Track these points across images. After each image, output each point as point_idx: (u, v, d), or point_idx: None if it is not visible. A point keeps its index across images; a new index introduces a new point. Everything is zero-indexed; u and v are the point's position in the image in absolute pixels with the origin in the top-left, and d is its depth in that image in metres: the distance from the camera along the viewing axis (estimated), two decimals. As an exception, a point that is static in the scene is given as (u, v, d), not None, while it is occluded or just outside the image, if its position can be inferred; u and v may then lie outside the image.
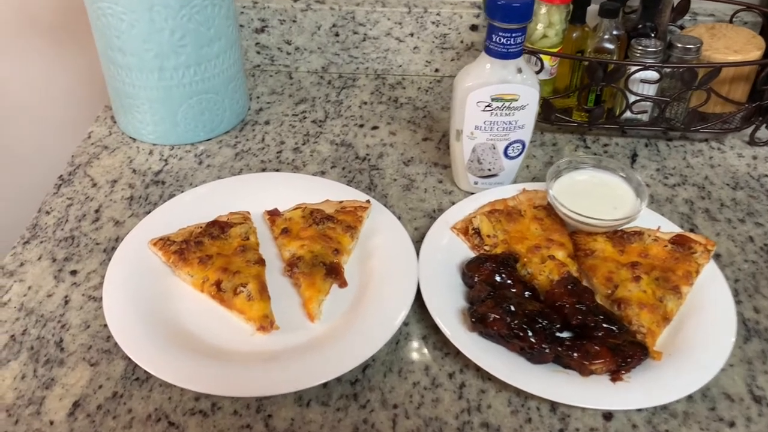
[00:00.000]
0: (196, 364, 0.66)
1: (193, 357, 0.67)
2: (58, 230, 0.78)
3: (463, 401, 0.66)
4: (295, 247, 0.77)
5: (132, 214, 0.85)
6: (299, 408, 0.65)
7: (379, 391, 0.66)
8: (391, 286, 0.73)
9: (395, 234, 0.79)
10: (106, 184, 0.90)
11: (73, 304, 0.74)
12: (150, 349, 0.66)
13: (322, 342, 0.69)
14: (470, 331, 0.69)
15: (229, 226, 0.79)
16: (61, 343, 0.70)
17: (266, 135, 1.01)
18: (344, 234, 0.79)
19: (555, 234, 0.79)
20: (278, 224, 0.81)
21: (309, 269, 0.74)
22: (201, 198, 0.84)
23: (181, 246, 0.76)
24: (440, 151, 0.98)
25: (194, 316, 0.72)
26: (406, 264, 0.75)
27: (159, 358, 0.65)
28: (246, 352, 0.69)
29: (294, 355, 0.68)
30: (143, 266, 0.75)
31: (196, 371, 0.65)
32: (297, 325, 0.71)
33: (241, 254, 0.76)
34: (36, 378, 0.66)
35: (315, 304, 0.72)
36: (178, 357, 0.66)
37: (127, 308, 0.70)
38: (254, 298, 0.71)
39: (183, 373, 0.64)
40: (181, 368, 0.65)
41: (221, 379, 0.64)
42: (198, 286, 0.74)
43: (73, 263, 0.74)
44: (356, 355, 0.66)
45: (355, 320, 0.71)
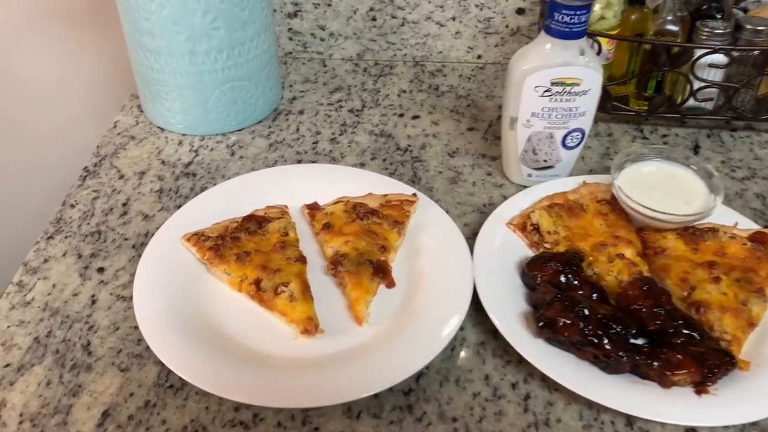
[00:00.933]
0: (234, 370, 0.60)
1: (232, 363, 0.61)
2: (84, 224, 0.73)
3: (530, 415, 0.59)
4: (338, 243, 0.71)
5: (162, 208, 0.80)
6: (348, 420, 0.59)
7: (435, 403, 0.60)
8: (444, 287, 0.67)
9: (445, 230, 0.73)
10: (134, 175, 0.85)
11: (100, 304, 0.68)
12: (184, 354, 0.60)
13: (371, 348, 0.63)
14: (535, 337, 0.63)
15: (267, 221, 0.74)
16: (88, 347, 0.64)
17: (301, 125, 0.95)
18: (391, 230, 0.73)
19: (621, 230, 0.72)
20: (319, 219, 0.75)
21: (355, 268, 0.68)
22: (235, 191, 0.79)
23: (217, 242, 0.70)
24: (487, 142, 0.91)
25: (231, 318, 0.66)
26: (460, 263, 0.69)
27: (194, 363, 0.60)
28: (288, 357, 0.63)
29: (341, 362, 0.62)
30: (175, 263, 0.70)
31: (235, 378, 0.59)
32: (343, 329, 0.65)
33: (280, 251, 0.70)
34: (62, 384, 0.61)
35: (362, 305, 0.66)
36: (215, 362, 0.60)
37: (159, 309, 0.64)
38: (297, 299, 0.65)
39: (221, 380, 0.59)
40: (218, 375, 0.59)
41: (263, 387, 0.59)
42: (235, 285, 0.68)
43: (100, 260, 0.69)
44: (410, 363, 0.60)
45: (407, 324, 0.65)
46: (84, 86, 1.12)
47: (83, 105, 1.12)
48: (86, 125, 1.14)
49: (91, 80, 1.10)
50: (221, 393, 0.58)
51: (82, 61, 1.10)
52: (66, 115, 1.14)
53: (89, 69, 1.09)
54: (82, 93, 1.11)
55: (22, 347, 0.64)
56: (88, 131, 1.10)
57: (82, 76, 1.12)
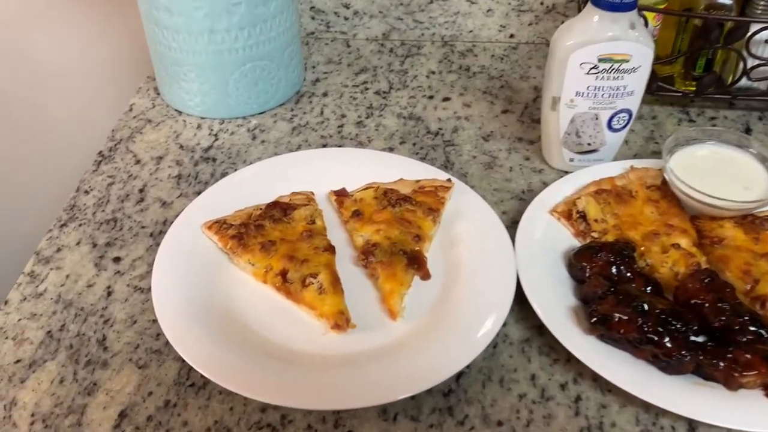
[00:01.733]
0: (260, 368, 0.55)
1: (257, 360, 0.56)
2: (99, 212, 0.69)
3: (581, 418, 0.54)
4: (369, 232, 0.67)
5: (181, 194, 0.75)
6: (384, 423, 0.54)
7: (478, 405, 0.55)
8: (484, 280, 0.62)
9: (484, 218, 0.68)
10: (151, 161, 0.80)
11: (116, 296, 0.64)
12: (207, 350, 0.56)
13: (407, 344, 0.58)
14: (587, 334, 0.57)
15: (292, 208, 0.69)
16: (104, 342, 0.60)
17: (325, 108, 0.90)
18: (425, 218, 0.68)
19: (674, 218, 0.67)
20: (347, 206, 0.70)
21: (388, 258, 0.63)
22: (258, 177, 0.74)
23: (240, 230, 0.66)
24: (524, 125, 0.86)
25: (256, 311, 0.62)
26: (501, 253, 0.64)
27: (217, 360, 0.55)
28: (318, 354, 0.58)
29: (375, 360, 0.57)
30: (196, 253, 0.65)
31: (261, 377, 0.55)
32: (376, 324, 0.61)
33: (307, 240, 0.66)
34: (76, 382, 0.57)
35: (397, 298, 0.61)
36: (239, 359, 0.56)
37: (178, 301, 0.60)
38: (326, 291, 0.60)
39: (246, 379, 0.54)
40: (243, 373, 0.55)
41: (291, 387, 0.54)
42: (260, 276, 0.63)
43: (116, 249, 0.64)
44: (450, 362, 0.55)
45: (445, 319, 0.60)
46: (98, 68, 1.09)
47: (97, 87, 1.08)
48: (101, 108, 1.10)
49: (105, 61, 1.07)
50: (247, 393, 0.53)
51: (96, 42, 1.06)
52: (80, 98, 1.10)
53: (104, 50, 1.04)
54: (96, 75, 1.08)
55: (34, 342, 0.60)
56: (102, 115, 1.06)
57: (97, 58, 1.08)
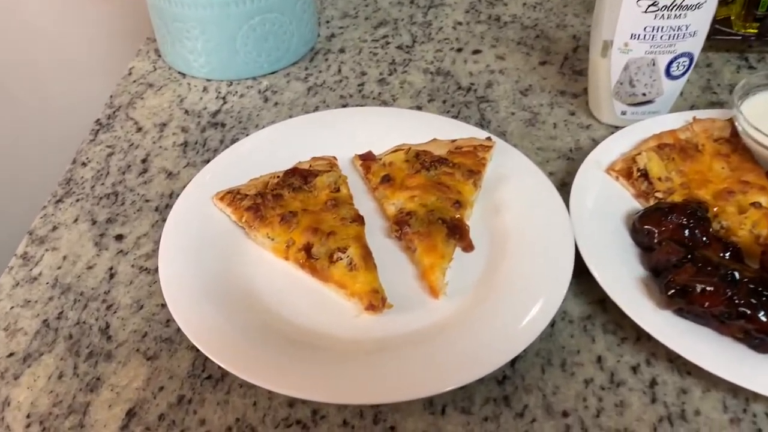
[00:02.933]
0: (286, 357, 0.48)
1: (282, 347, 0.49)
2: (98, 185, 0.61)
3: (659, 406, 0.47)
4: (402, 199, 0.59)
5: (188, 164, 0.68)
6: (432, 417, 0.47)
7: (538, 393, 0.48)
8: (538, 250, 0.54)
9: (532, 180, 0.60)
10: (154, 128, 0.72)
11: (120, 278, 0.57)
12: (224, 337, 0.49)
13: (453, 326, 0.51)
14: (661, 308, 0.50)
15: (313, 175, 0.61)
16: (107, 330, 0.53)
17: (342, 65, 0.81)
18: (465, 181, 0.60)
19: (749, 174, 0.59)
20: (375, 171, 0.62)
21: (425, 228, 0.56)
22: (273, 141, 0.66)
23: (256, 201, 0.58)
24: (565, 77, 0.77)
25: (278, 293, 0.54)
26: (555, 219, 0.56)
27: (237, 349, 0.48)
28: (351, 339, 0.51)
29: (417, 345, 0.49)
30: (208, 228, 0.58)
31: (287, 367, 0.47)
32: (415, 303, 0.53)
33: (332, 210, 0.58)
34: (77, 377, 0.50)
35: (438, 273, 0.53)
36: (261, 347, 0.49)
37: (190, 282, 0.53)
38: (358, 267, 0.53)
39: (270, 369, 0.47)
40: (267, 363, 0.47)
41: (323, 378, 0.47)
42: (281, 252, 0.56)
43: (118, 226, 0.57)
44: (505, 346, 0.48)
45: (495, 296, 0.52)
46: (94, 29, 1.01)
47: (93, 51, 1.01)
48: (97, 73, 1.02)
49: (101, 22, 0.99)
50: (272, 386, 0.46)
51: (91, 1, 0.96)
52: (74, 62, 1.03)
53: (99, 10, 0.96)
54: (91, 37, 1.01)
55: (29, 332, 0.53)
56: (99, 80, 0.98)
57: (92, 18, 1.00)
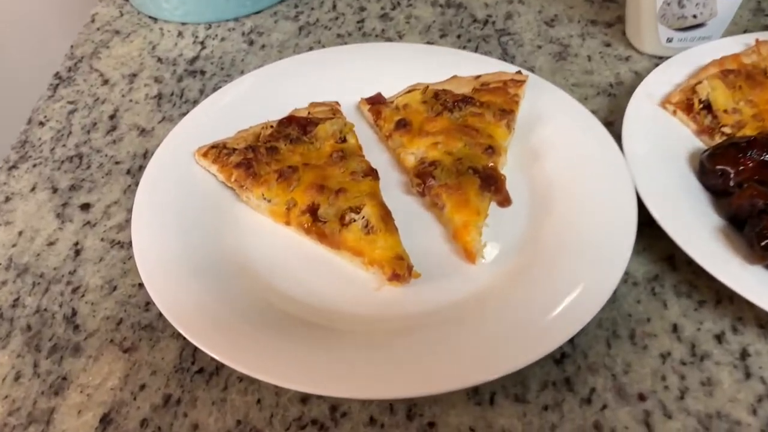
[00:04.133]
0: (294, 343, 0.39)
1: (289, 332, 0.40)
2: (58, 147, 0.51)
3: (755, 382, 0.39)
4: (422, 147, 0.49)
5: (163, 118, 0.57)
6: (478, 408, 0.38)
7: (606, 373, 0.39)
8: (591, 201, 0.45)
9: (575, 119, 0.51)
10: (122, 79, 0.62)
11: (87, 255, 0.47)
12: (217, 322, 0.39)
13: (496, 297, 0.42)
14: (750, 263, 0.41)
15: (314, 124, 0.51)
16: (73, 318, 0.43)
17: (338, 1, 0.71)
18: (496, 123, 0.50)
19: (831, 102, 0.49)
20: (387, 117, 0.52)
21: (454, 180, 0.46)
22: (262, 88, 0.56)
23: (247, 155, 0.48)
24: (594, 5, 0.67)
25: (280, 265, 0.45)
26: (608, 164, 0.47)
27: (233, 335, 0.39)
28: (371, 317, 0.42)
29: (453, 321, 0.40)
30: (190, 191, 0.48)
31: (296, 356, 0.38)
32: (446, 271, 0.44)
33: (339, 163, 0.48)
34: (38, 378, 0.40)
35: (473, 233, 0.44)
36: (263, 333, 0.39)
37: (172, 257, 0.43)
38: (376, 229, 0.43)
39: (275, 359, 0.38)
40: (271, 351, 0.38)
41: (341, 367, 0.38)
42: (280, 215, 0.46)
43: (84, 193, 0.48)
44: (562, 318, 0.39)
45: (544, 258, 0.43)
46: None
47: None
48: (55, 21, 0.92)
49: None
50: (278, 380, 0.37)
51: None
52: (28, 10, 0.91)
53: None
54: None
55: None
56: (57, 28, 0.87)
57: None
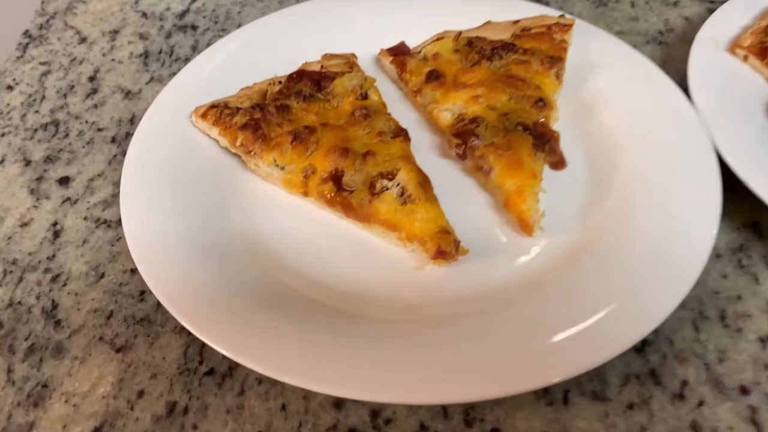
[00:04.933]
0: (323, 336, 0.32)
1: (315, 323, 0.33)
2: (30, 114, 0.45)
3: None
4: (460, 102, 0.42)
5: (151, 79, 0.50)
6: (550, 409, 0.32)
7: (698, 362, 0.33)
8: (664, 161, 0.39)
9: (633, 68, 0.44)
10: (102, 37, 0.55)
11: (68, 237, 0.40)
12: (227, 313, 0.32)
13: (559, 277, 0.35)
14: None
15: (329, 79, 0.44)
16: (54, 312, 0.36)
17: (343, -53, 0.63)
18: (545, 72, 0.43)
19: None
20: (414, 69, 0.45)
21: (502, 138, 0.39)
22: (265, 40, 0.49)
23: (253, 115, 0.41)
24: (634, -55, 0.60)
25: (296, 244, 0.38)
26: (679, 118, 0.40)
27: (247, 328, 0.32)
28: (412, 302, 0.35)
29: (513, 305, 0.34)
30: (187, 158, 0.41)
31: (325, 352, 0.31)
32: (498, 245, 0.38)
33: (363, 123, 0.41)
34: (12, 386, 0.34)
35: (530, 200, 0.37)
36: (283, 324, 0.33)
37: (169, 237, 0.36)
38: (414, 198, 0.36)
39: (301, 356, 0.31)
40: (295, 347, 0.31)
41: (379, 365, 0.31)
42: (296, 185, 0.39)
43: (62, 166, 0.41)
44: (647, 300, 0.32)
45: (616, 229, 0.36)
46: None
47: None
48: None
49: None
50: (305, 382, 0.30)
51: None
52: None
53: None
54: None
55: (-64, 324, 0.36)
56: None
57: None
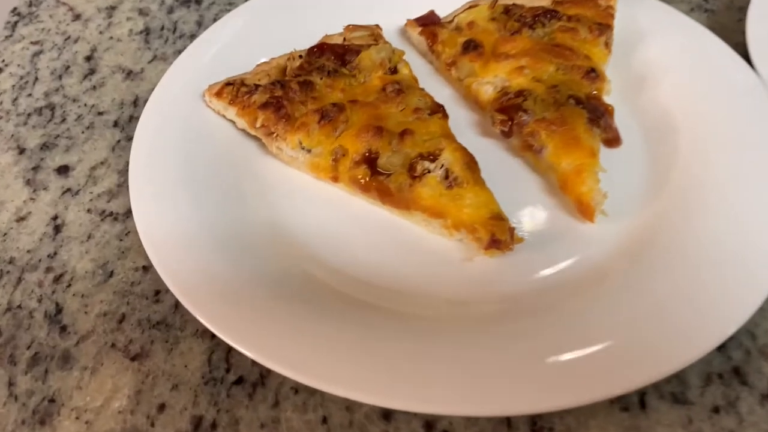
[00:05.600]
0: (365, 338, 0.29)
1: (352, 322, 0.30)
2: (23, 97, 0.41)
3: None
4: (502, 74, 0.38)
5: (155, 57, 0.46)
6: (626, 415, 0.28)
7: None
8: (730, 138, 0.36)
9: (688, 36, 0.41)
10: (98, 13, 0.50)
11: (71, 232, 0.36)
12: (255, 312, 0.29)
13: (627, 268, 0.32)
14: None
15: (354, 53, 0.40)
16: (58, 317, 0.32)
17: None
18: (594, 39, 0.39)
19: None
20: (447, 40, 0.42)
21: (554, 113, 0.36)
22: (278, 13, 0.45)
23: (274, 93, 0.37)
24: None
25: (327, 234, 0.34)
26: (745, 91, 0.37)
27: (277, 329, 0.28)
28: (459, 298, 0.31)
29: (580, 300, 0.30)
30: (201, 141, 0.37)
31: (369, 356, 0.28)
32: (553, 233, 0.34)
33: (396, 99, 0.37)
34: (15, 401, 0.30)
35: (589, 181, 0.34)
36: (319, 324, 0.29)
37: (187, 228, 0.32)
38: (462, 181, 0.33)
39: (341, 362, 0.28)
40: (332, 350, 0.28)
41: (431, 371, 0.28)
42: (324, 169, 0.35)
43: (60, 153, 0.38)
44: (728, 297, 0.28)
45: (683, 214, 0.33)
46: None
47: None
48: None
49: None
50: (348, 390, 0.27)
51: None
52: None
53: None
54: None
55: (-75, 333, 0.32)
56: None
57: None
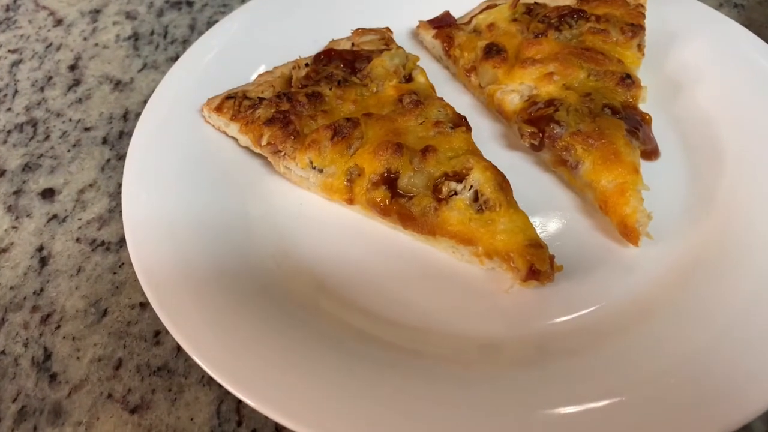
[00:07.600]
0: (389, 392, 0.26)
1: (372, 371, 0.28)
2: (1, 113, 0.42)
3: None
4: (529, 81, 0.35)
5: (145, 65, 0.42)
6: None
7: None
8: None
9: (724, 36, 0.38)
10: (81, 18, 0.47)
11: (58, 264, 0.32)
12: (268, 362, 0.26)
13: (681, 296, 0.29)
14: None
15: (364, 58, 0.36)
16: (47, 363, 0.29)
17: None
18: (626, 42, 0.36)
19: None
20: (464, 43, 0.39)
21: (590, 124, 0.32)
22: (278, 16, 0.41)
23: (280, 106, 0.33)
24: None
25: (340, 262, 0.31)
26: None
27: (296, 380, 0.25)
28: (495, 337, 0.28)
29: (627, 338, 0.28)
30: (200, 160, 0.33)
31: (398, 416, 0.25)
32: (593, 259, 0.31)
33: (414, 111, 0.34)
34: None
35: (633, 200, 0.31)
36: (337, 375, 0.27)
37: (189, 261, 0.29)
38: (494, 204, 0.30)
39: (367, 416, 0.24)
40: (357, 405, 0.25)
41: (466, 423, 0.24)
42: (338, 190, 0.32)
43: (44, 175, 0.34)
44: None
45: (738, 232, 0.30)
46: None
47: None
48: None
49: None
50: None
51: None
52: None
53: None
54: None
55: None
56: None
57: None
